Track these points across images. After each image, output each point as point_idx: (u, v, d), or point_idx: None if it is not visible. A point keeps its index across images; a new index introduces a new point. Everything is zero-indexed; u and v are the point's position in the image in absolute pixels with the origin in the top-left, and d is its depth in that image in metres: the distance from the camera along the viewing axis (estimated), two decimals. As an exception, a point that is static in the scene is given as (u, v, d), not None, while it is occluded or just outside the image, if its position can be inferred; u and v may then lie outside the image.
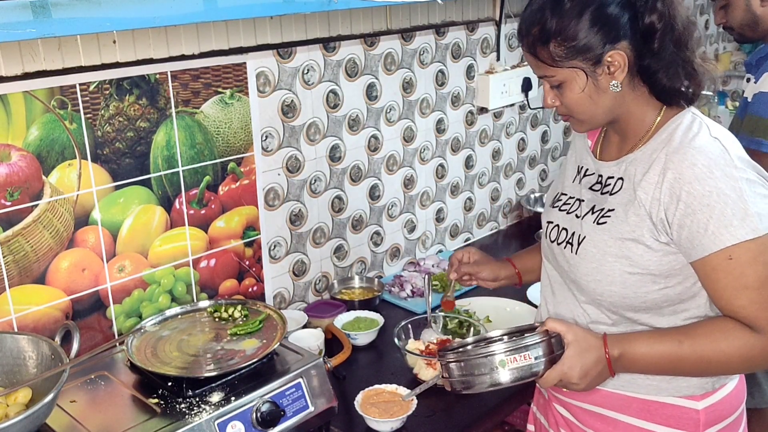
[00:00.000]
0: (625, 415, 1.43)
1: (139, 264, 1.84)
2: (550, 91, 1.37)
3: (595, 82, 1.31)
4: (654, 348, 1.32)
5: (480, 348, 1.35)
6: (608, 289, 1.36)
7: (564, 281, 1.48)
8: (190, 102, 1.85)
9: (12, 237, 1.61)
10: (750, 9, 2.20)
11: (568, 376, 1.30)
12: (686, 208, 1.25)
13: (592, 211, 1.40)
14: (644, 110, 1.37)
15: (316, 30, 2.06)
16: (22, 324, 1.66)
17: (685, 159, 1.27)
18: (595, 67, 1.30)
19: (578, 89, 1.32)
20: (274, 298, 2.18)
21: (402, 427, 1.65)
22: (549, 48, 1.30)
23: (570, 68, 1.30)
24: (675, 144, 1.30)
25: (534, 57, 1.34)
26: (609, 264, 1.35)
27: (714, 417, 1.40)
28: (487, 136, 2.75)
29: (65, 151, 1.66)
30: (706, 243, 1.25)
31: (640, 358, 1.32)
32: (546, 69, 1.33)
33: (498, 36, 2.64)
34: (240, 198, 2.01)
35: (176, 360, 1.56)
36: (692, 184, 1.25)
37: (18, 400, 1.40)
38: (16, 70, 1.55)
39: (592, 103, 1.34)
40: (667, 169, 1.28)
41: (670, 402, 1.40)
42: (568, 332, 1.31)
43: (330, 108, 2.17)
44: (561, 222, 1.48)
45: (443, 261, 2.53)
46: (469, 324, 1.96)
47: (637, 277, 1.33)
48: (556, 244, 1.47)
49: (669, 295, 1.34)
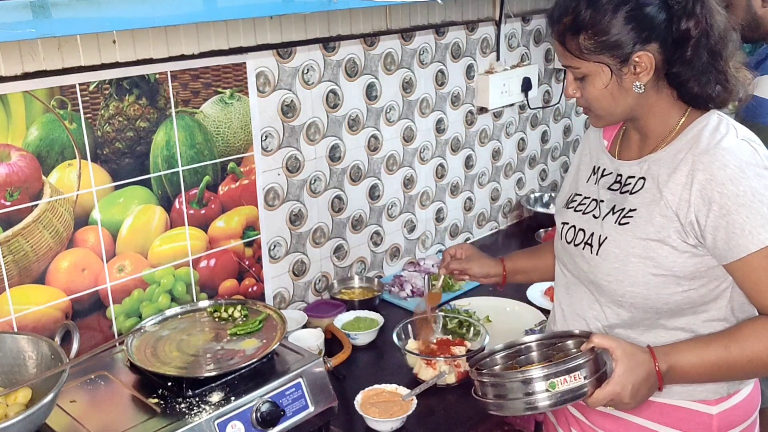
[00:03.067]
0: (638, 417, 1.42)
1: (139, 264, 1.84)
2: (573, 81, 1.36)
3: (620, 80, 1.30)
4: (703, 357, 1.30)
5: (519, 372, 1.29)
6: (630, 290, 1.35)
7: (581, 282, 1.47)
8: (190, 102, 1.85)
9: (12, 237, 1.61)
10: (751, 10, 2.19)
11: (621, 396, 1.26)
12: (720, 209, 1.25)
13: (613, 212, 1.39)
14: (668, 112, 1.36)
15: (316, 30, 2.06)
16: (22, 324, 1.66)
17: (715, 160, 1.26)
18: (622, 65, 1.29)
19: (601, 85, 1.31)
20: (274, 298, 2.18)
21: (402, 427, 1.65)
22: (578, 39, 1.29)
23: (596, 63, 1.30)
24: (703, 145, 1.29)
25: (562, 46, 1.33)
26: (632, 264, 1.34)
27: (727, 423, 1.40)
28: (486, 136, 2.75)
29: (65, 151, 1.66)
30: (743, 243, 1.24)
31: (690, 369, 1.30)
32: (572, 60, 1.32)
33: (498, 36, 2.64)
34: (240, 198, 2.01)
35: (176, 360, 1.56)
36: (725, 185, 1.24)
37: (18, 400, 1.40)
38: (15, 70, 1.55)
39: (612, 100, 1.33)
40: (697, 170, 1.27)
41: (685, 406, 1.39)
42: (617, 348, 1.27)
43: (330, 108, 2.17)
44: (577, 223, 1.47)
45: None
46: (469, 324, 1.96)
47: (661, 279, 1.32)
48: (573, 246, 1.46)
49: (692, 298, 1.34)
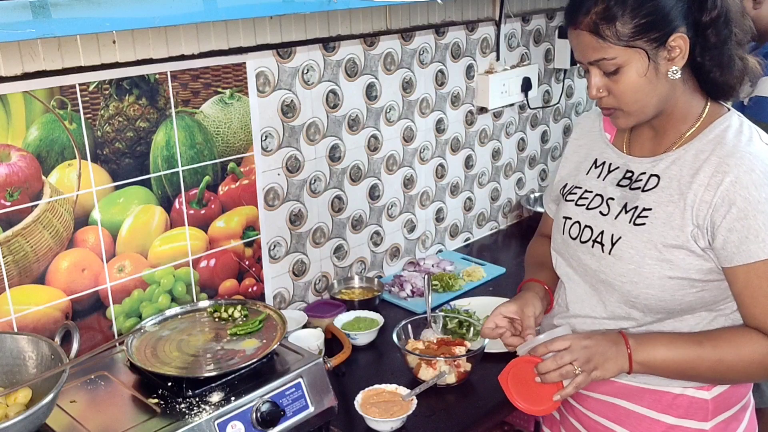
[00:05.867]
0: (637, 405, 1.43)
1: (139, 264, 1.84)
2: (602, 78, 1.31)
3: (656, 66, 1.27)
4: (674, 343, 1.33)
5: None
6: (644, 292, 1.35)
7: (583, 279, 1.46)
8: (190, 102, 1.85)
9: (12, 237, 1.61)
10: None
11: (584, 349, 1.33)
12: (739, 212, 1.24)
13: (626, 210, 1.38)
14: (690, 104, 1.34)
15: (315, 30, 2.06)
16: (21, 324, 1.66)
17: (742, 164, 1.26)
18: (658, 50, 1.26)
19: (638, 73, 1.27)
20: (274, 298, 2.18)
21: (402, 427, 1.65)
22: (615, 25, 1.25)
23: (633, 48, 1.26)
24: (728, 147, 1.28)
25: (595, 36, 1.27)
26: (648, 267, 1.33)
27: (723, 405, 1.41)
28: (486, 136, 2.75)
29: (65, 151, 1.66)
30: (754, 249, 1.25)
31: (659, 350, 1.33)
32: (606, 50, 1.27)
33: (498, 36, 2.64)
34: (240, 198, 2.01)
35: (176, 360, 1.56)
36: (749, 189, 1.24)
37: (18, 401, 1.40)
38: (15, 70, 1.55)
39: (650, 89, 1.29)
40: (725, 172, 1.26)
41: (681, 392, 1.40)
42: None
43: (330, 108, 2.17)
44: (582, 219, 1.46)
45: (443, 261, 2.53)
46: (469, 324, 1.96)
47: (677, 282, 1.32)
48: (579, 242, 1.45)
49: (704, 298, 1.34)
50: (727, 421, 1.42)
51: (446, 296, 2.28)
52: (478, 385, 1.82)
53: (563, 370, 1.33)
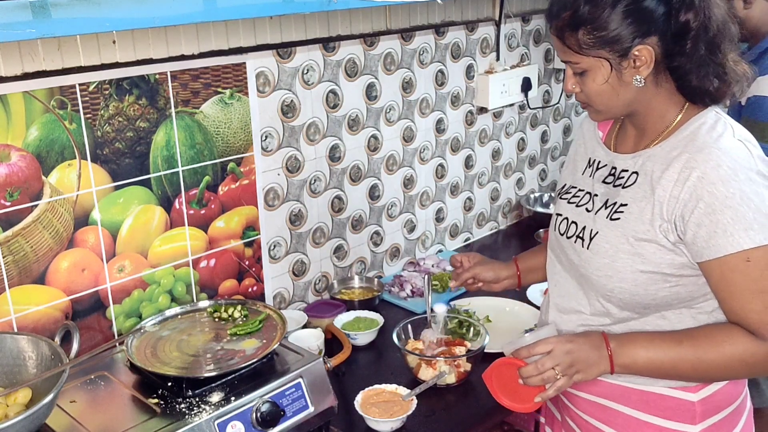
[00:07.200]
0: (625, 406, 1.43)
1: (139, 264, 1.84)
2: (573, 77, 1.36)
3: (619, 74, 1.30)
4: (654, 342, 1.34)
5: None
6: (618, 286, 1.36)
7: (570, 275, 1.48)
8: (190, 102, 1.85)
9: (12, 237, 1.61)
10: None
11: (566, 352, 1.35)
12: (707, 207, 1.25)
13: (605, 206, 1.40)
14: (666, 107, 1.36)
15: (315, 30, 2.06)
16: (21, 324, 1.66)
17: (710, 159, 1.26)
18: (621, 59, 1.28)
19: (601, 79, 1.31)
20: (273, 298, 2.18)
21: (402, 427, 1.65)
22: (577, 35, 1.28)
23: (596, 57, 1.29)
24: (699, 143, 1.29)
25: (561, 41, 1.32)
26: (621, 261, 1.34)
27: (710, 408, 1.41)
28: (486, 136, 2.75)
29: (65, 152, 1.66)
30: (723, 243, 1.25)
31: (639, 349, 1.34)
32: (571, 55, 1.32)
33: (497, 36, 2.64)
34: (240, 198, 2.01)
35: (176, 360, 1.56)
36: (716, 185, 1.24)
37: (18, 401, 1.40)
38: (15, 71, 1.55)
39: (613, 94, 1.33)
40: (692, 168, 1.27)
41: (667, 393, 1.40)
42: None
43: (330, 108, 2.17)
44: (570, 215, 1.48)
45: (443, 261, 2.53)
46: (469, 324, 1.96)
47: (648, 276, 1.33)
48: (566, 238, 1.47)
49: (679, 294, 1.35)
50: (718, 425, 1.41)
51: (446, 296, 2.28)
52: (478, 385, 1.82)
53: (545, 375, 1.35)
